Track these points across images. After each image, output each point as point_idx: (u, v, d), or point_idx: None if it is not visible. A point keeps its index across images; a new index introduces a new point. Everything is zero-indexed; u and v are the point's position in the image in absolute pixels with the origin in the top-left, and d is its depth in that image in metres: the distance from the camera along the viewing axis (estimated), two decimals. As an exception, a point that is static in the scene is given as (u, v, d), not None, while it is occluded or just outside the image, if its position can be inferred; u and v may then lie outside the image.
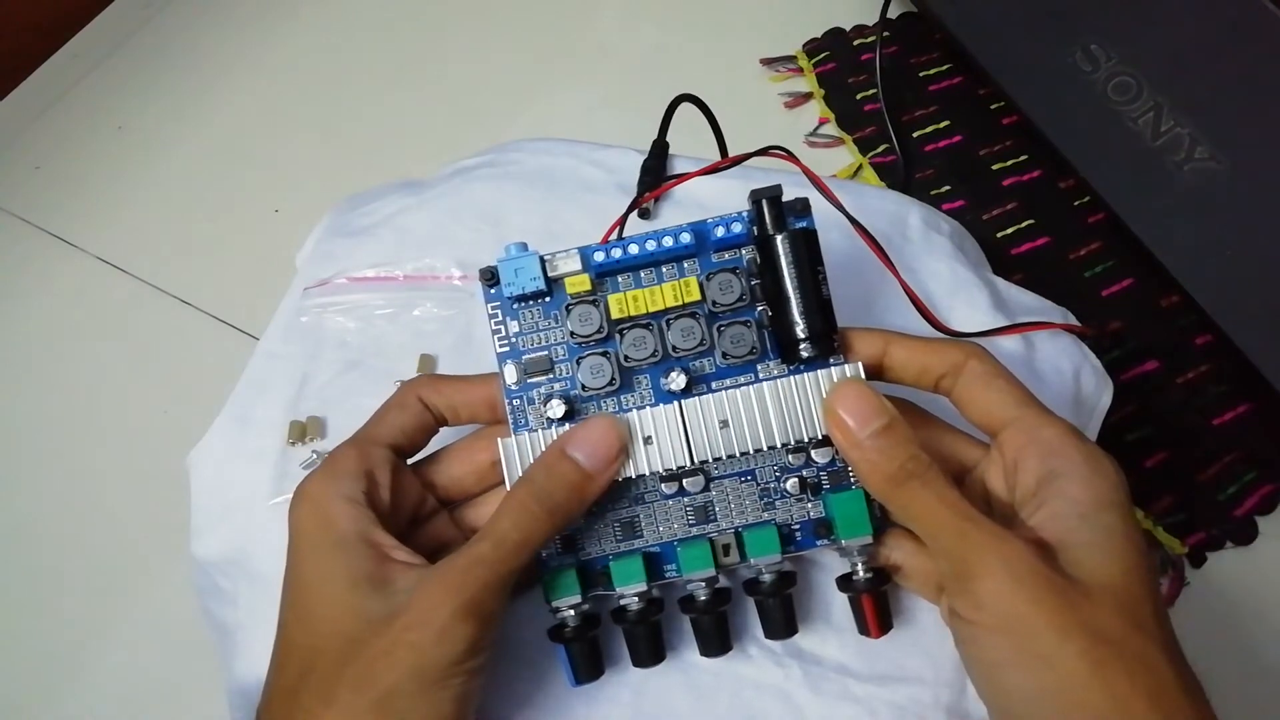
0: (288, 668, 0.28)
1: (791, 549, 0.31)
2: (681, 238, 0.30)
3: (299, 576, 0.28)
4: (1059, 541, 0.26)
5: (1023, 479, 0.28)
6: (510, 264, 0.30)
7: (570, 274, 0.30)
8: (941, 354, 0.30)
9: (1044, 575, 0.25)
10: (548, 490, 0.28)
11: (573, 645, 0.30)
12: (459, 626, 0.26)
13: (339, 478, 0.29)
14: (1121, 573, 0.26)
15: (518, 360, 0.31)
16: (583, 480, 0.28)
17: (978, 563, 0.26)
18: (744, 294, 0.30)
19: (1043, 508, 0.27)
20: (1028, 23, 0.63)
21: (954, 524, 0.26)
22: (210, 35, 0.85)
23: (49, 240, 0.75)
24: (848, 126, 0.72)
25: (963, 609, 0.27)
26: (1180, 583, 0.54)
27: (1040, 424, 0.28)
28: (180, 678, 0.57)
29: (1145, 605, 0.26)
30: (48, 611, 0.61)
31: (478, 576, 0.26)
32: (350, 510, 0.28)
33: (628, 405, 0.30)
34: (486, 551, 0.27)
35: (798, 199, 0.30)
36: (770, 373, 0.30)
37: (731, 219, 0.30)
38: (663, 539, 0.31)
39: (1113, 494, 0.27)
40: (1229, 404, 0.59)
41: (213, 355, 0.68)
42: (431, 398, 0.31)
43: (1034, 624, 0.25)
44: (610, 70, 0.79)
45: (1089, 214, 0.66)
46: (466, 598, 0.26)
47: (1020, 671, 0.25)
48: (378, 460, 0.30)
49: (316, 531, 0.28)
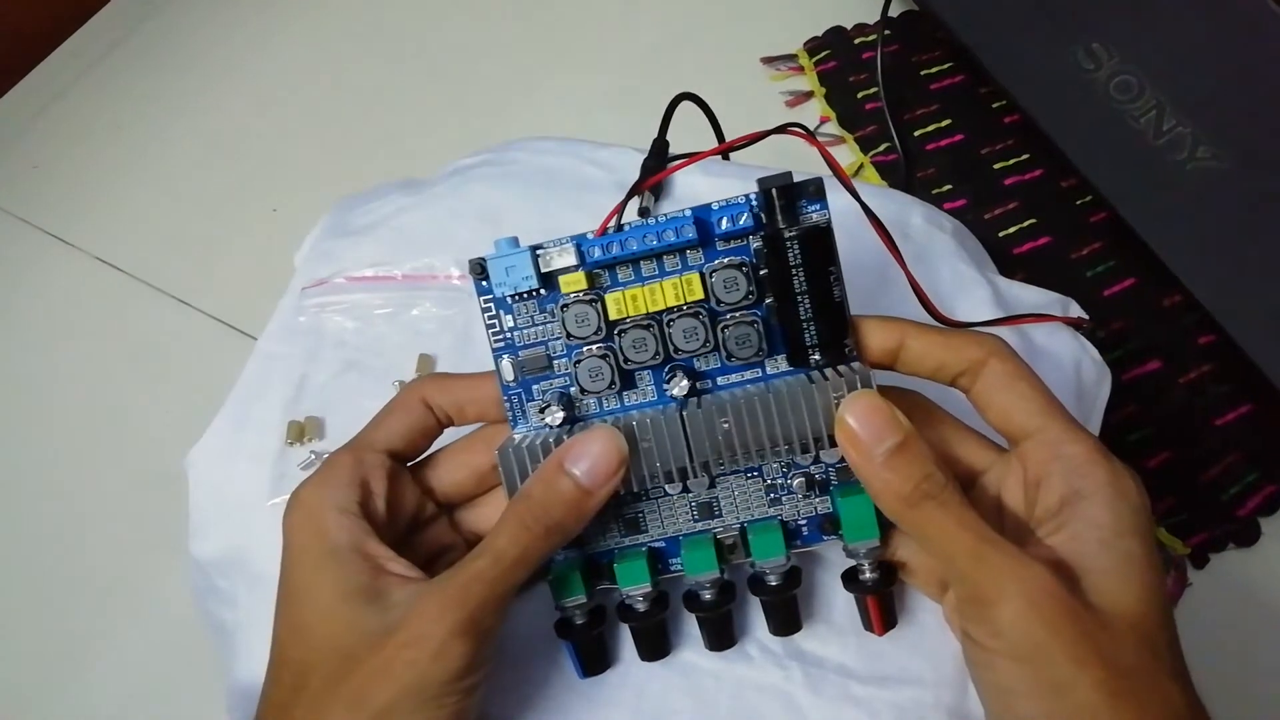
0: (281, 681, 0.27)
1: (798, 544, 0.30)
2: (684, 230, 0.28)
3: (292, 587, 0.28)
4: (1078, 566, 0.26)
5: (1044, 497, 0.27)
6: (501, 261, 0.29)
7: (565, 269, 0.29)
8: (961, 349, 0.28)
9: (1063, 602, 0.24)
10: (545, 507, 0.27)
11: (579, 640, 0.30)
12: (456, 644, 0.25)
13: (333, 486, 0.28)
14: (1139, 601, 0.25)
15: (514, 356, 0.30)
16: (581, 497, 0.27)
17: (994, 588, 0.25)
18: (750, 291, 0.28)
19: (1063, 529, 0.26)
20: (1030, 21, 0.63)
21: (971, 547, 0.26)
22: (208, 34, 0.85)
23: (47, 240, 0.75)
24: (849, 125, 0.72)
25: (978, 634, 0.26)
26: (1183, 583, 0.54)
27: (1065, 439, 0.27)
28: (179, 678, 0.57)
29: (1161, 635, 0.25)
30: (47, 612, 0.61)
31: (476, 593, 0.26)
32: (344, 521, 0.28)
33: (629, 404, 0.30)
34: (485, 568, 0.26)
35: (810, 180, 0.28)
36: (777, 368, 0.29)
37: (737, 208, 0.28)
38: (667, 534, 0.30)
39: (1135, 519, 0.26)
40: (1231, 404, 0.59)
41: (211, 355, 0.68)
42: (437, 398, 0.31)
43: (1051, 652, 0.24)
44: (610, 69, 0.79)
45: (1091, 213, 0.66)
46: (464, 615, 0.25)
47: (1034, 700, 0.25)
48: (374, 468, 0.29)
49: (309, 541, 0.28)
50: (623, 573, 0.30)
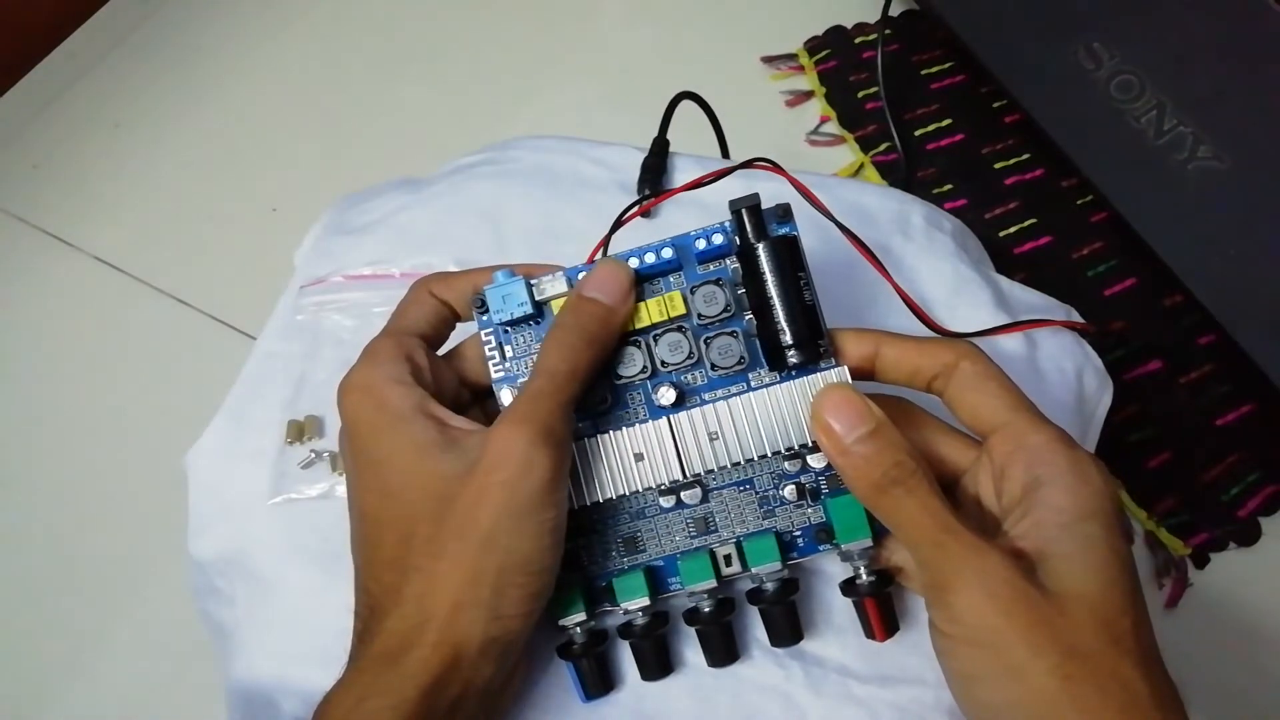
0: (384, 543, 0.28)
1: (794, 555, 0.31)
2: (663, 253, 0.30)
3: (368, 459, 0.29)
4: (1039, 552, 0.26)
5: (1009, 486, 0.28)
6: (498, 290, 0.31)
7: (557, 296, 0.31)
8: (933, 354, 0.29)
9: (1019, 589, 0.25)
10: (580, 325, 0.29)
11: (581, 661, 0.31)
12: (539, 454, 0.27)
13: (382, 363, 0.30)
14: (1100, 585, 0.25)
15: (514, 385, 0.31)
16: (607, 313, 0.29)
17: (953, 574, 0.26)
18: (729, 304, 0.30)
19: (1026, 517, 0.27)
20: (1030, 21, 0.63)
21: (933, 534, 0.26)
22: (208, 33, 0.85)
23: (46, 240, 0.75)
24: (849, 125, 0.72)
25: (939, 621, 0.27)
26: (1183, 584, 0.54)
27: (1029, 429, 0.28)
28: (179, 678, 0.57)
29: (1123, 619, 0.25)
30: (46, 612, 0.61)
31: (542, 405, 0.27)
32: (401, 390, 0.29)
33: (621, 422, 0.30)
34: (542, 385, 0.28)
35: (778, 205, 0.30)
36: (761, 381, 0.30)
37: (712, 230, 0.30)
38: (665, 552, 0.31)
39: (1096, 503, 0.26)
40: (1232, 404, 0.59)
41: (210, 355, 0.68)
42: (443, 293, 0.32)
43: (1007, 638, 0.25)
44: (611, 68, 0.79)
45: (1091, 213, 0.66)
46: (539, 426, 0.27)
47: (993, 685, 0.25)
48: (413, 346, 0.31)
49: (374, 414, 0.29)
50: (621, 587, 0.30)
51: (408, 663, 0.26)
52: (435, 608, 0.27)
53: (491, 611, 0.27)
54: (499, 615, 0.27)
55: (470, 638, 0.27)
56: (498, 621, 0.27)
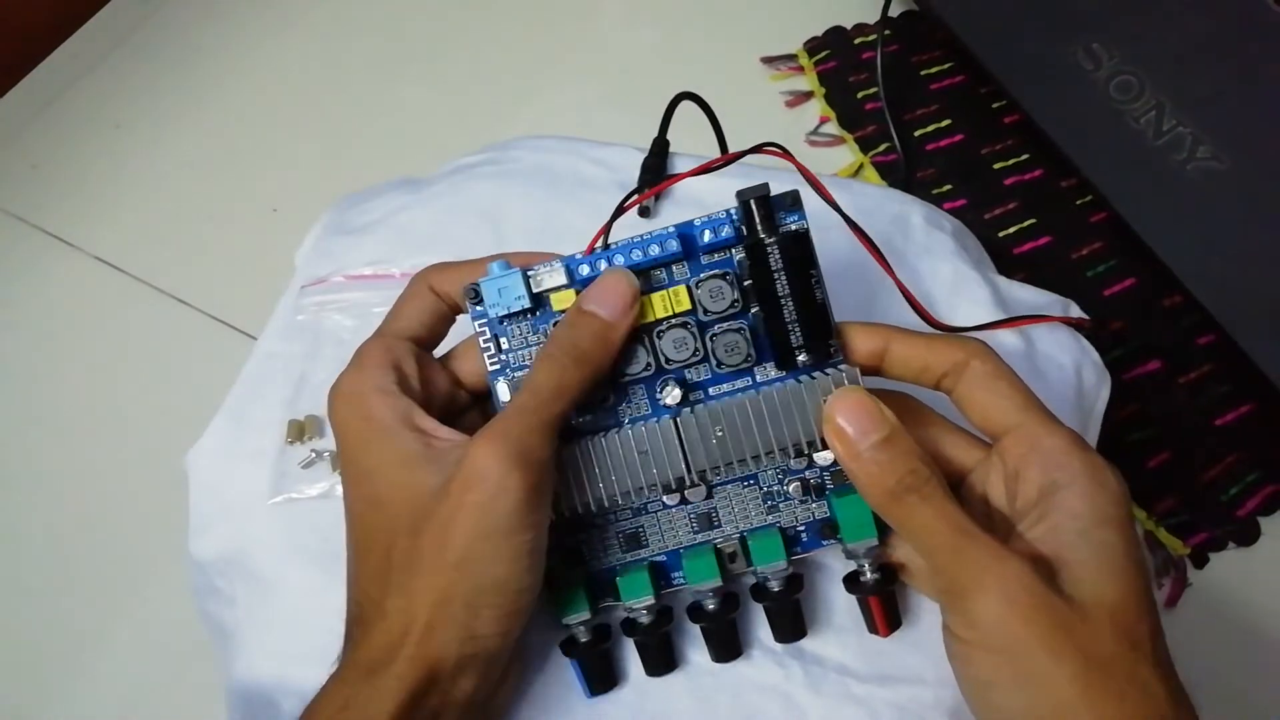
0: (372, 553, 0.28)
1: (798, 550, 0.30)
2: (668, 244, 0.29)
3: (357, 469, 0.29)
4: (1057, 557, 0.26)
5: (1023, 490, 0.28)
6: (493, 283, 0.29)
7: (555, 288, 0.30)
8: (943, 352, 0.29)
9: (1039, 595, 0.25)
10: (574, 341, 0.28)
11: (585, 659, 0.30)
12: (513, 476, 0.26)
13: (368, 371, 0.30)
14: (1118, 592, 0.25)
15: (509, 378, 0.30)
16: (605, 329, 0.28)
17: (972, 581, 0.26)
18: (735, 299, 0.29)
19: (1042, 521, 0.27)
20: (1030, 21, 0.63)
21: (950, 540, 0.26)
22: (208, 33, 0.85)
23: (46, 240, 0.75)
24: (849, 125, 0.72)
25: (956, 627, 0.26)
26: (1182, 584, 0.54)
27: (1043, 432, 0.28)
28: (179, 678, 0.57)
29: (1141, 625, 0.25)
30: (46, 612, 0.61)
31: (521, 423, 0.27)
32: (386, 400, 0.29)
33: (624, 419, 0.30)
34: (524, 401, 0.27)
35: (787, 193, 0.29)
36: (767, 376, 0.30)
37: (718, 221, 0.29)
38: (668, 548, 0.31)
39: (1113, 508, 0.26)
40: (1232, 404, 0.59)
41: (211, 355, 0.68)
42: (443, 285, 0.32)
43: (1027, 645, 0.25)
44: (611, 68, 0.79)
45: (1091, 213, 0.66)
46: (514, 448, 0.26)
47: (1012, 692, 0.25)
48: (402, 353, 0.30)
49: (359, 425, 0.29)
50: (625, 586, 0.30)
51: (387, 676, 0.26)
52: (412, 624, 0.27)
53: (466, 631, 0.27)
54: (474, 635, 0.27)
55: (445, 657, 0.27)
56: (473, 641, 0.27)
